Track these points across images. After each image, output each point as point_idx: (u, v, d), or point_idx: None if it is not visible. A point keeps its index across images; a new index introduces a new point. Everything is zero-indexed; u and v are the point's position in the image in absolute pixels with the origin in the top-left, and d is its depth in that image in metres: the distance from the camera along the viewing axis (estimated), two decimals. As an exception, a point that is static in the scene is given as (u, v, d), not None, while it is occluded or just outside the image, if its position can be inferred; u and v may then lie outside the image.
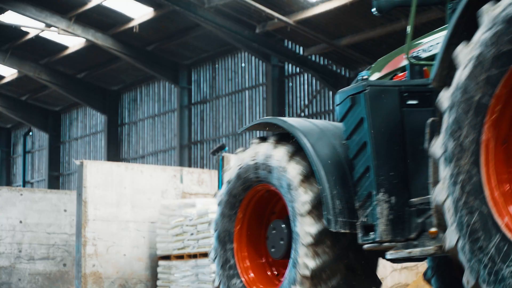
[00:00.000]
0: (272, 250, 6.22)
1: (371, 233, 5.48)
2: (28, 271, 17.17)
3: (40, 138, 35.42)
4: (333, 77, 22.65)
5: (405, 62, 5.79)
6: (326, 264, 5.66)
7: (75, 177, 30.82)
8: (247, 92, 25.50)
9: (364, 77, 6.24)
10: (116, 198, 15.35)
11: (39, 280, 17.43)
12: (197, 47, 25.95)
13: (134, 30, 23.88)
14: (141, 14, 23.66)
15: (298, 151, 5.91)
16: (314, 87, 23.73)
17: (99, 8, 23.55)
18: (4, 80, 30.54)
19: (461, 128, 4.35)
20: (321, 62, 23.06)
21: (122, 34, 24.87)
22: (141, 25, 23.78)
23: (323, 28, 20.68)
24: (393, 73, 6.26)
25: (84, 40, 25.60)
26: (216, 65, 26.57)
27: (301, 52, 22.90)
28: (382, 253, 5.58)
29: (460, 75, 4.39)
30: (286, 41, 23.26)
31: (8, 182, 36.63)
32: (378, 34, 20.17)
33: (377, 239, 5.40)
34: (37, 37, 26.21)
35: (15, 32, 26.08)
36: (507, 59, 4.10)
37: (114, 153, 30.33)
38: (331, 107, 23.17)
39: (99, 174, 15.18)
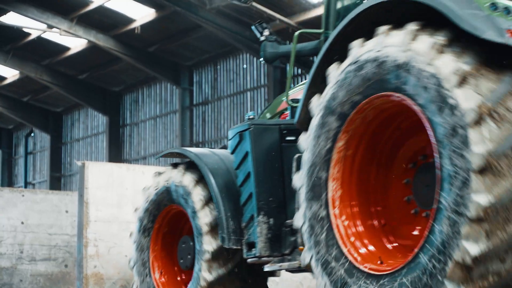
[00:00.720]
0: (181, 261, 7.29)
1: (253, 249, 6.46)
2: (30, 272, 17.18)
3: (41, 139, 35.45)
4: (335, 78, 22.67)
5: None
6: (221, 277, 6.69)
7: (76, 178, 30.85)
8: (248, 93, 25.51)
9: (251, 117, 7.09)
10: (117, 199, 15.35)
11: (41, 281, 17.44)
12: (199, 48, 25.96)
13: (136, 31, 23.91)
14: (142, 15, 23.68)
15: (202, 178, 6.96)
16: (315, 88, 23.75)
17: (101, 9, 23.57)
18: (6, 81, 30.57)
19: (315, 166, 5.41)
20: (323, 63, 23.07)
21: (123, 35, 24.89)
22: (143, 26, 23.80)
23: (324, 29, 20.71)
24: (281, 112, 7.21)
25: (85, 41, 25.62)
26: (218, 66, 26.58)
27: (303, 53, 22.92)
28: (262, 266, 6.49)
29: (313, 122, 5.42)
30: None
31: (10, 183, 36.65)
32: (380, 35, 20.19)
33: (257, 254, 6.39)
34: (39, 38, 26.24)
35: (17, 33, 26.10)
36: (343, 115, 5.21)
37: (116, 154, 30.35)
38: (332, 108, 23.19)
39: (100, 175, 15.18)
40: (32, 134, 36.10)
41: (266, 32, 7.53)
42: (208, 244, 6.72)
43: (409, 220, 5.29)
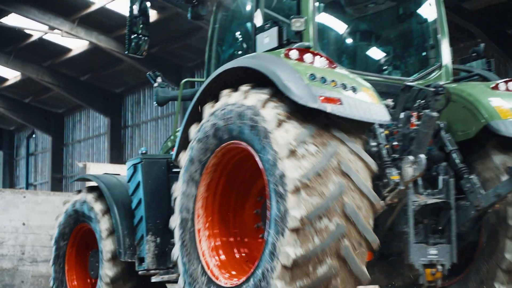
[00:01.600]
0: (92, 273, 8.45)
1: (143, 263, 7.70)
2: (31, 273, 17.18)
3: (43, 141, 35.46)
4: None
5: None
6: (120, 274, 8.00)
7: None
8: (250, 94, 25.52)
9: (143, 152, 8.15)
10: (119, 201, 15.35)
11: (42, 282, 17.43)
12: (200, 49, 25.92)
13: (137, 32, 23.90)
14: (144, 16, 23.70)
15: (102, 195, 8.27)
16: (317, 90, 23.75)
17: (102, 10, 23.57)
18: (7, 83, 30.59)
19: (183, 204, 6.68)
20: (324, 65, 23.07)
21: (125, 36, 24.87)
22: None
23: (326, 30, 20.70)
24: (173, 146, 8.07)
25: (87, 42, 25.63)
26: (219, 68, 26.58)
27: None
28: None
29: (185, 162, 6.74)
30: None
31: (11, 184, 36.67)
32: (381, 36, 20.18)
33: (146, 268, 7.65)
34: (41, 39, 26.25)
35: (19, 34, 26.12)
36: (204, 162, 6.54)
37: (117, 155, 30.35)
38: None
39: (102, 177, 15.17)
40: (34, 136, 36.11)
41: (159, 79, 8.34)
42: (109, 270, 8.02)
43: (259, 243, 6.40)
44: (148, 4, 8.09)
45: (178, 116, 8.40)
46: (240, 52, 7.82)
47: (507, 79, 7.28)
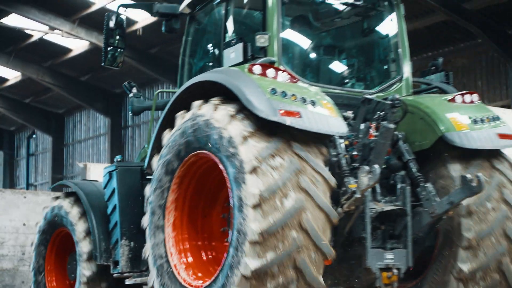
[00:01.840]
0: (72, 275, 8.79)
1: (117, 266, 8.06)
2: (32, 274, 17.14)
3: (43, 141, 35.47)
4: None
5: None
6: (96, 275, 8.37)
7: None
8: (250, 95, 25.51)
9: (118, 160, 8.61)
10: (119, 201, 15.36)
11: (42, 283, 17.44)
12: (201, 50, 25.96)
13: (138, 33, 23.90)
14: (144, 17, 23.68)
15: (79, 201, 8.67)
16: (317, 90, 23.75)
17: (103, 10, 23.57)
18: (8, 83, 30.60)
19: (154, 210, 7.05)
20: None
21: (126, 36, 24.86)
22: (145, 28, 23.81)
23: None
24: None
25: (87, 42, 25.64)
26: (220, 68, 26.58)
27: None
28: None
29: (156, 169, 7.12)
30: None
31: (12, 185, 36.68)
32: (382, 37, 20.18)
33: (121, 271, 8.02)
34: (41, 39, 26.26)
35: (19, 34, 26.13)
36: (173, 170, 6.95)
37: (118, 155, 30.33)
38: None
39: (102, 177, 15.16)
40: (34, 136, 36.12)
41: (134, 90, 8.78)
42: (86, 270, 8.39)
43: (225, 247, 6.63)
44: (124, 17, 8.58)
45: (152, 125, 8.63)
46: (210, 65, 8.22)
47: (464, 92, 7.64)
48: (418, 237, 7.12)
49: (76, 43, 26.44)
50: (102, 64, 8.59)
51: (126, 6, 8.87)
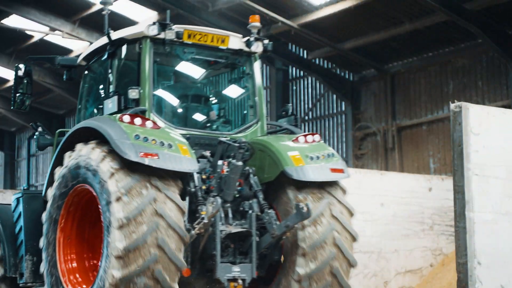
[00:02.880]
0: None
1: (22, 277, 9.69)
2: (32, 274, 17.14)
3: (44, 142, 35.44)
4: (337, 81, 22.67)
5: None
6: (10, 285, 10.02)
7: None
8: (251, 95, 25.53)
9: (25, 188, 10.20)
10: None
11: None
12: (201, 51, 25.95)
13: (138, 33, 23.91)
14: (145, 17, 23.70)
15: None
16: (318, 91, 23.75)
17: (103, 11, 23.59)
18: (9, 84, 30.62)
19: (49, 231, 8.84)
20: (325, 66, 23.07)
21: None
22: (145, 28, 23.80)
23: (327, 31, 20.70)
24: None
25: (88, 43, 25.65)
26: (220, 69, 26.60)
27: (305, 56, 22.92)
28: None
29: (50, 198, 8.90)
30: (290, 44, 23.28)
31: (13, 186, 36.70)
32: (382, 37, 20.18)
33: (25, 281, 9.67)
34: (42, 40, 26.27)
35: (20, 35, 26.15)
36: (62, 201, 8.77)
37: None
38: (334, 111, 23.19)
39: (103, 177, 15.23)
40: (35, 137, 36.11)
41: (40, 129, 10.33)
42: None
43: None
44: (32, 68, 10.23)
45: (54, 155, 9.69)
46: (96, 112, 9.94)
47: (307, 133, 9.37)
48: (267, 252, 8.93)
49: (77, 44, 26.45)
50: (12, 107, 10.23)
51: (34, 59, 10.93)
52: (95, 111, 9.93)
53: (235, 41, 9.87)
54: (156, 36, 9.33)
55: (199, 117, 9.97)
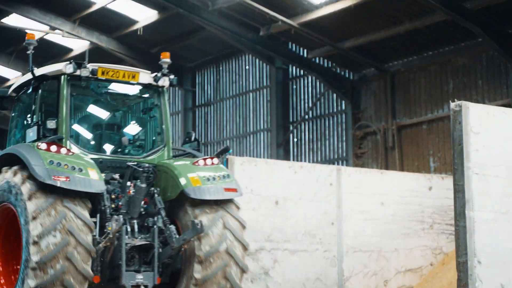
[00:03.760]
0: None
1: None
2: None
3: (44, 141, 35.45)
4: (337, 80, 22.67)
5: None
6: None
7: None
8: (251, 94, 25.53)
9: None
10: (120, 201, 15.42)
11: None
12: (201, 50, 25.97)
13: (138, 32, 23.92)
14: (145, 16, 23.70)
15: None
16: (318, 90, 23.74)
17: (103, 10, 23.60)
18: (9, 83, 30.62)
19: None
20: (325, 65, 23.07)
21: (126, 36, 24.91)
22: (145, 27, 23.82)
23: (327, 30, 20.69)
24: None
25: (88, 42, 25.66)
26: (220, 68, 26.61)
27: (305, 55, 22.92)
28: None
29: None
30: (290, 43, 23.27)
31: None
32: (382, 36, 20.17)
33: None
34: (42, 39, 26.26)
35: (20, 34, 26.11)
36: None
37: None
38: (334, 110, 23.18)
39: (103, 177, 15.24)
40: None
41: None
42: None
43: None
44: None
45: None
46: (20, 139, 11.00)
47: (206, 157, 10.71)
48: (169, 262, 10.22)
49: (77, 43, 26.45)
50: None
51: None
52: (21, 138, 11.06)
53: (145, 77, 11.32)
54: (73, 74, 10.82)
55: (111, 143, 11.24)
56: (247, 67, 25.65)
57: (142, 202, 10.29)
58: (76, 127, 11.10)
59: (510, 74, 18.60)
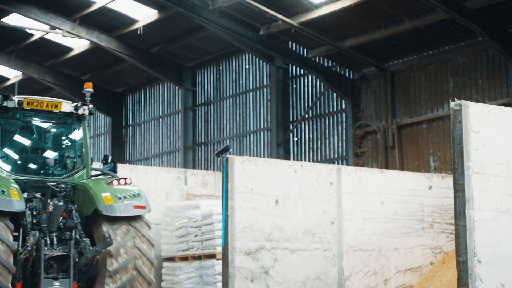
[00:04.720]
0: None
1: None
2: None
3: (44, 140, 35.42)
4: (337, 79, 22.67)
5: None
6: None
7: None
8: (251, 93, 25.53)
9: None
10: (120, 200, 15.37)
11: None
12: (201, 49, 25.97)
13: (139, 32, 23.92)
14: (145, 16, 23.70)
15: None
16: (318, 89, 23.74)
17: (104, 10, 23.60)
18: (9, 82, 30.62)
19: None
20: (325, 64, 23.07)
21: (126, 36, 24.91)
22: (146, 27, 23.82)
23: (327, 30, 20.69)
24: None
25: (88, 42, 25.66)
26: (220, 67, 26.60)
27: (305, 54, 22.92)
28: None
29: None
30: (290, 42, 23.27)
31: (13, 184, 36.64)
32: (382, 35, 20.17)
33: None
34: (42, 39, 26.27)
35: (20, 34, 26.14)
36: None
37: (119, 154, 30.37)
38: (335, 109, 23.18)
39: (103, 176, 15.20)
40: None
41: None
42: None
43: None
44: None
45: None
46: None
47: (120, 177, 12.25)
48: (86, 269, 11.80)
49: (77, 43, 26.45)
50: None
51: None
52: None
53: (66, 106, 12.67)
54: (0, 105, 12.12)
55: (36, 165, 12.68)
56: (247, 66, 25.64)
57: (61, 218, 11.63)
58: (4, 151, 12.44)
59: (510, 73, 18.60)
